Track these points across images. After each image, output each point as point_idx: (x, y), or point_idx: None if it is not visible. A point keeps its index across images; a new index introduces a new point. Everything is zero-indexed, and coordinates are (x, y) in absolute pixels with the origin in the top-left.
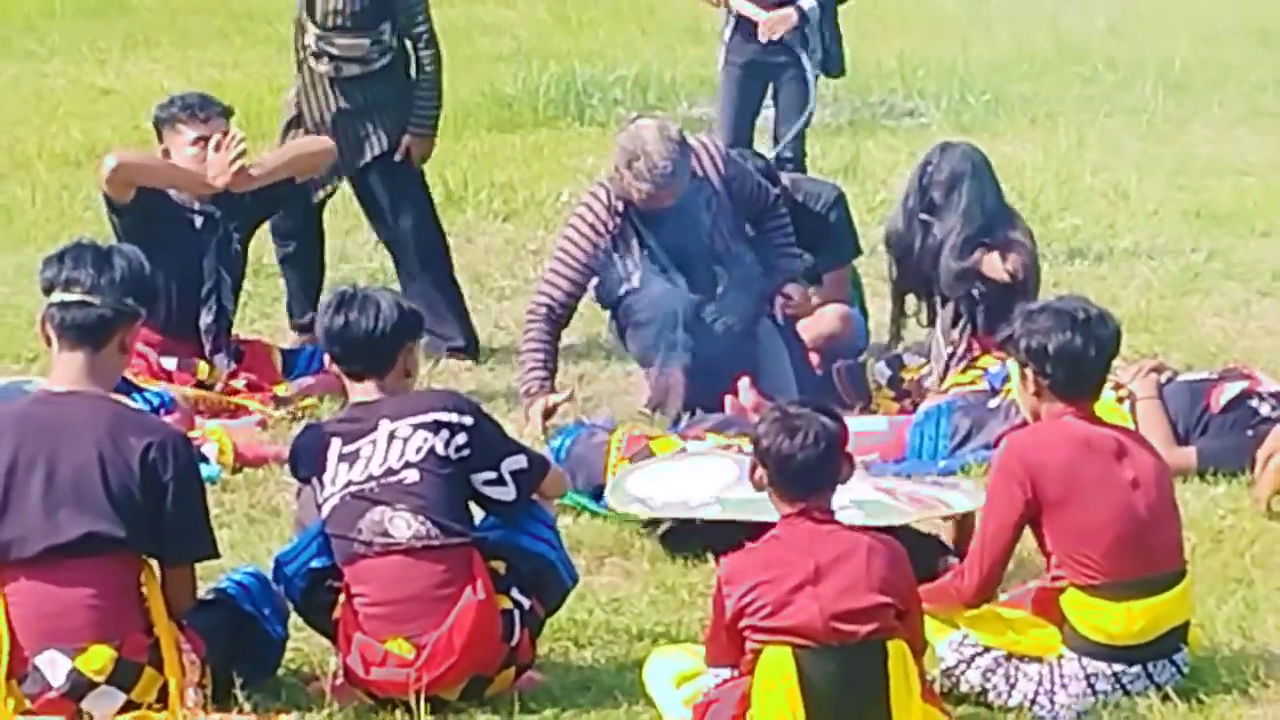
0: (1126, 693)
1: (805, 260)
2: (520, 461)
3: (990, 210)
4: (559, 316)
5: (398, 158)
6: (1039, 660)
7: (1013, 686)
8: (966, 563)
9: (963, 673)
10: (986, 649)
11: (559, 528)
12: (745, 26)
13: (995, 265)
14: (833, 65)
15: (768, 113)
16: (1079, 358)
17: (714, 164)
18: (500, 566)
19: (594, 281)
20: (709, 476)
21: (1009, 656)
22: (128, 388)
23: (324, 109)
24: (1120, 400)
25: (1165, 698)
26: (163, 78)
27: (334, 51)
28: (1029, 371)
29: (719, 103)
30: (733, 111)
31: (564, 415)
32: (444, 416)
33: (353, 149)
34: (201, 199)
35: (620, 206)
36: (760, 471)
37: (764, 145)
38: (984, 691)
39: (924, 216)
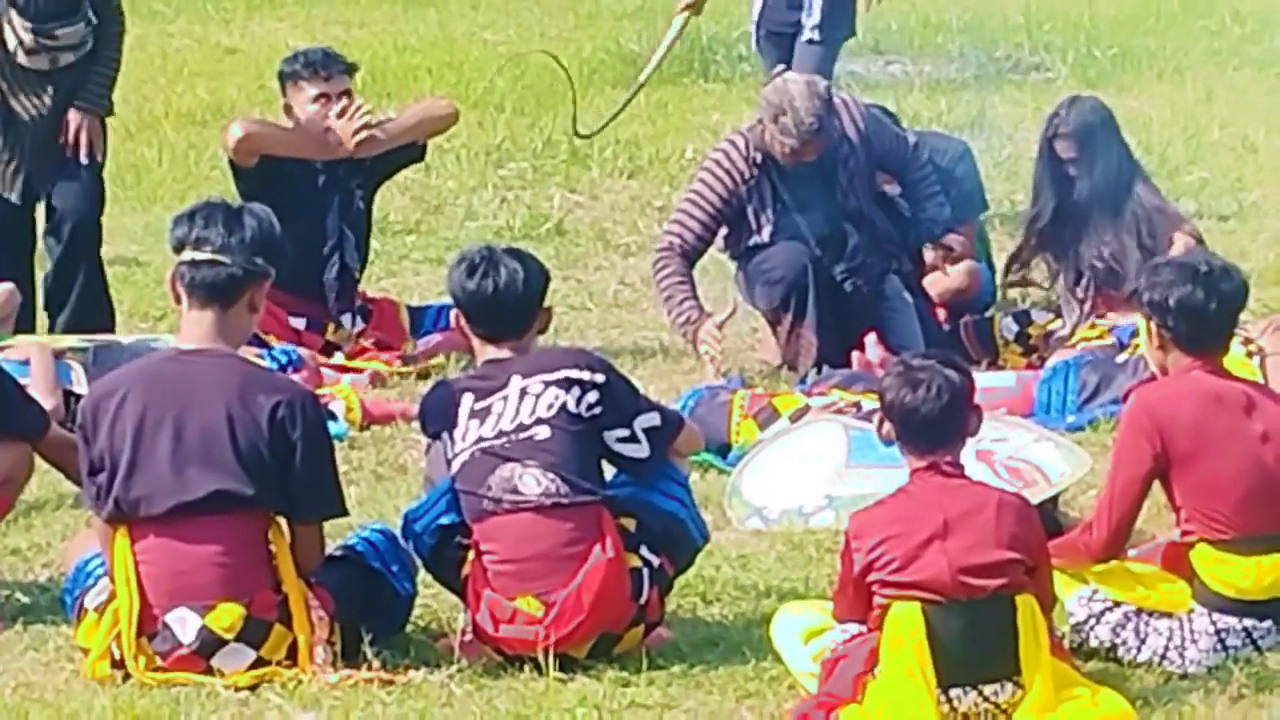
0: (1258, 648)
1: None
2: (653, 419)
3: (1126, 172)
4: (690, 257)
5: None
6: (1169, 615)
7: (1143, 641)
8: (1094, 517)
9: (1092, 628)
10: (1116, 604)
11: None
12: None
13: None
14: (838, 30)
15: None
16: (1200, 310)
17: (854, 122)
18: (630, 524)
19: (723, 231)
20: (819, 455)
21: (1139, 611)
22: (259, 343)
23: (40, 105)
24: (1249, 355)
25: None
26: (288, 36)
27: (52, 43)
28: (1153, 325)
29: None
30: None
31: (690, 371)
32: (576, 374)
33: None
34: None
35: (758, 158)
36: (887, 426)
37: None
38: (1114, 646)
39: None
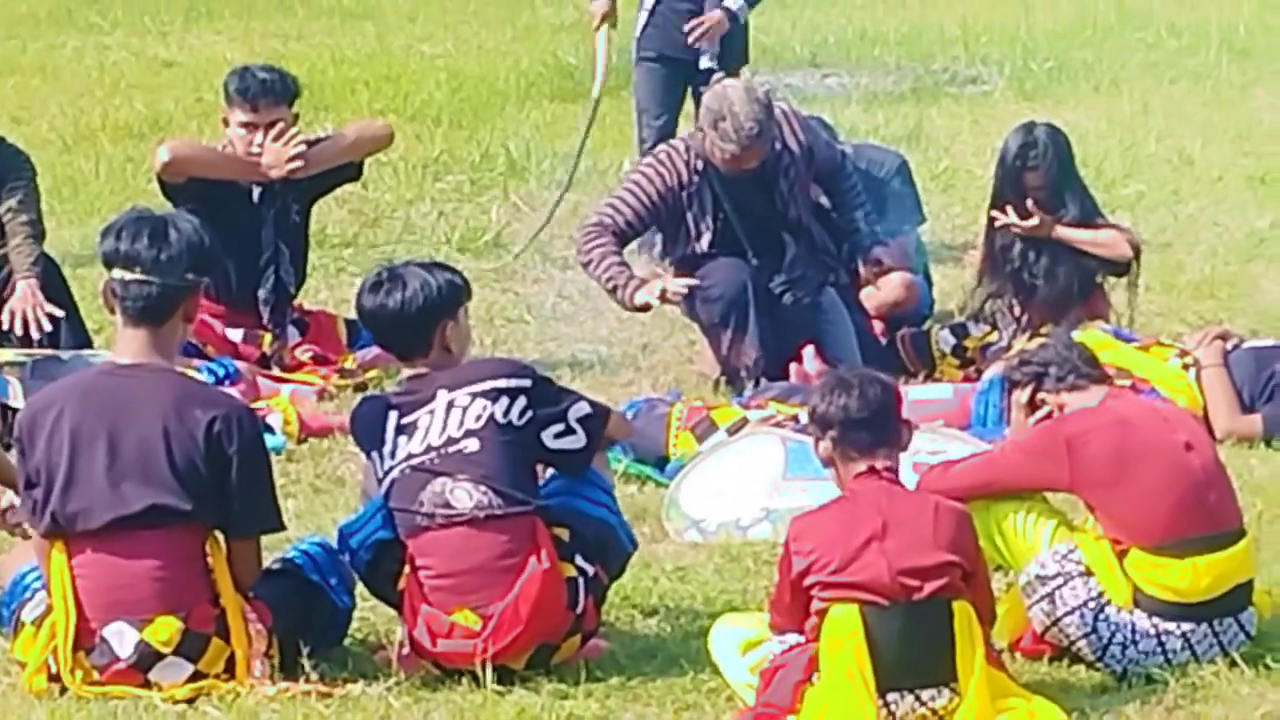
0: (1195, 656)
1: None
2: (584, 408)
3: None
4: (620, 238)
5: None
6: (1125, 610)
7: (1093, 629)
8: (964, 465)
9: (1058, 587)
10: (1089, 574)
11: (625, 497)
12: (659, 18)
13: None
14: (732, 58)
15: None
16: None
17: (795, 133)
18: (564, 534)
19: (658, 239)
20: (756, 468)
21: (1103, 594)
22: (196, 354)
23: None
24: (1185, 367)
25: (1232, 664)
26: (225, 49)
27: None
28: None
29: (637, 99)
30: (657, 108)
31: (629, 384)
32: (502, 383)
33: None
34: None
35: (699, 165)
36: (824, 444)
37: None
38: (1067, 615)
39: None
